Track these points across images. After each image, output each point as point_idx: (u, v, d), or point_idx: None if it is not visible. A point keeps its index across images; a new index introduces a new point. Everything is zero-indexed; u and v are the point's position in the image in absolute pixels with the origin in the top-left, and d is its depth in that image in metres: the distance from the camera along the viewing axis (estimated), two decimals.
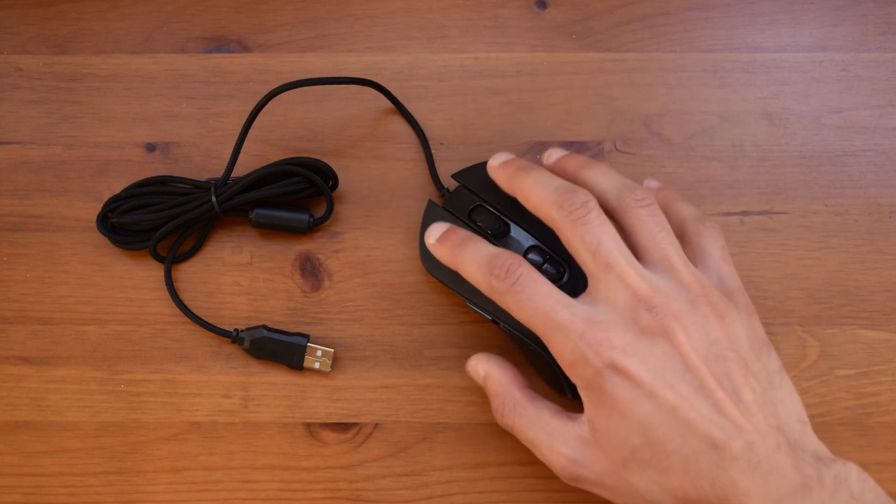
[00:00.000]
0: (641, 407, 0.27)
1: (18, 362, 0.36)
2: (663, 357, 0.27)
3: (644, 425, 0.27)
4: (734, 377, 0.27)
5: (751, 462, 0.26)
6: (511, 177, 0.32)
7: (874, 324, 0.36)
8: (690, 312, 0.27)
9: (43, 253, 0.37)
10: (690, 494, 0.26)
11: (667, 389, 0.26)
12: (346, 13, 0.40)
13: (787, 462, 0.26)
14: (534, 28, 0.40)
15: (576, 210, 0.28)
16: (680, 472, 0.26)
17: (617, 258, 0.28)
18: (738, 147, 0.39)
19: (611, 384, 0.27)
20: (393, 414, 0.35)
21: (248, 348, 0.35)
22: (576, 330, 0.27)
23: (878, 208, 0.38)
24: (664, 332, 0.27)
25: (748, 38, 0.40)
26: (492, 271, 0.29)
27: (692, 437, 0.26)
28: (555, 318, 0.28)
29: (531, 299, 0.28)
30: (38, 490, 0.35)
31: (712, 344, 0.27)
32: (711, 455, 0.26)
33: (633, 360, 0.27)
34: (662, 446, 0.26)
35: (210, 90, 0.39)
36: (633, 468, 0.27)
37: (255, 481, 0.35)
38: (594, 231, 0.28)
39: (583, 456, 0.28)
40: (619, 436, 0.27)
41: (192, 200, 0.36)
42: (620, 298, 0.28)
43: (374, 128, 0.39)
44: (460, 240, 0.31)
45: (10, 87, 0.39)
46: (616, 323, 0.27)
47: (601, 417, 0.27)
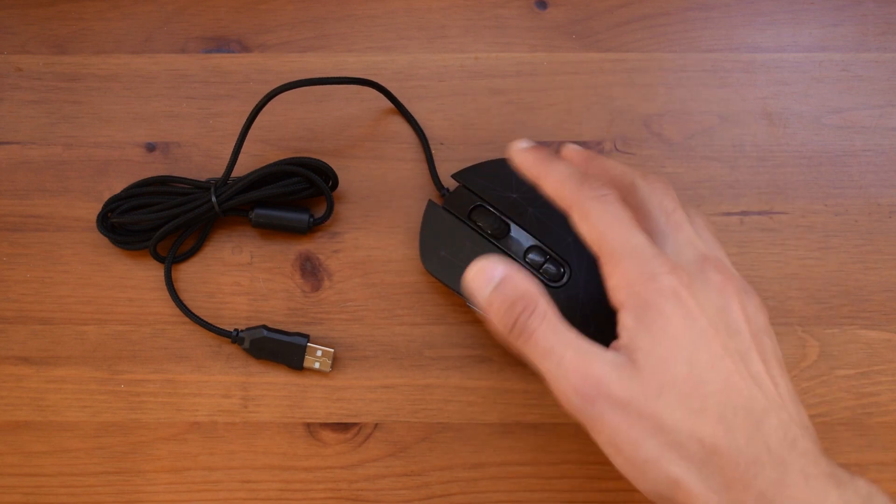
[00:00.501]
0: (693, 339, 0.26)
1: (18, 362, 0.36)
2: (721, 310, 0.27)
3: (692, 356, 0.26)
4: (773, 364, 0.27)
5: (787, 438, 0.25)
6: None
7: (874, 324, 0.36)
8: (746, 294, 0.28)
9: (43, 253, 0.37)
10: (721, 445, 0.25)
11: (718, 335, 0.26)
12: (346, 13, 0.40)
13: (819, 454, 0.25)
14: (534, 28, 0.40)
15: (655, 178, 0.31)
16: (714, 419, 0.25)
17: (687, 225, 0.29)
18: (738, 147, 0.39)
19: (671, 305, 0.26)
20: (393, 414, 0.35)
21: (248, 348, 0.35)
22: (653, 252, 0.27)
23: (878, 208, 0.38)
24: (725, 293, 0.27)
25: (748, 38, 0.40)
26: (585, 180, 0.29)
27: (732, 391, 0.26)
28: (634, 237, 0.28)
29: (617, 215, 0.28)
30: (38, 490, 0.35)
31: (760, 327, 0.28)
32: (748, 417, 0.25)
33: (696, 297, 0.27)
34: (705, 385, 0.26)
35: (210, 90, 0.39)
36: (668, 398, 0.26)
37: (255, 481, 0.35)
38: (672, 199, 0.30)
39: (616, 375, 0.26)
40: (663, 360, 0.26)
41: (192, 200, 0.36)
42: (689, 254, 0.28)
43: (374, 128, 0.39)
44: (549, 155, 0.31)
45: (10, 87, 0.39)
46: (688, 266, 0.28)
47: (647, 336, 0.26)
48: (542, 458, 0.35)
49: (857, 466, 0.35)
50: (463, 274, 0.33)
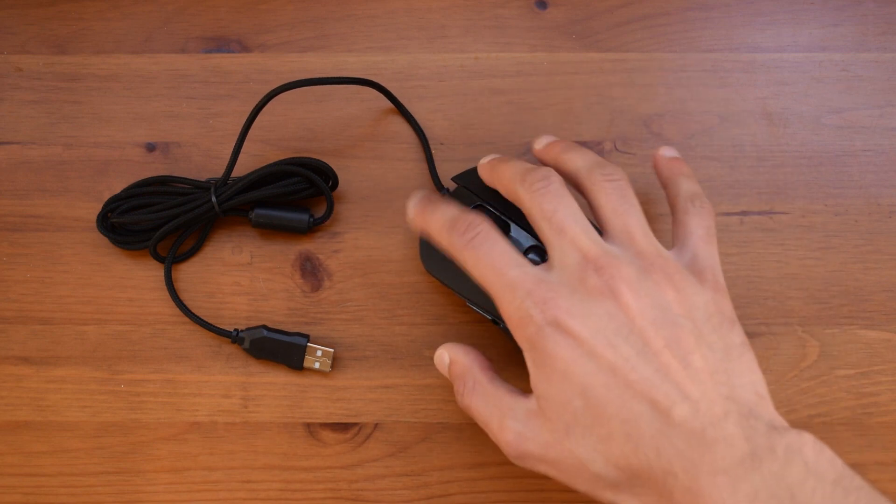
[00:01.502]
0: (581, 367, 0.26)
1: (18, 362, 0.36)
2: (606, 317, 0.26)
3: (584, 386, 0.26)
4: (684, 343, 0.26)
5: (695, 429, 0.25)
6: (492, 168, 0.32)
7: (874, 324, 0.36)
8: (641, 278, 0.27)
9: (43, 253, 0.37)
10: (633, 463, 0.25)
11: (607, 348, 0.26)
12: (346, 13, 0.40)
13: (735, 431, 0.25)
14: (534, 28, 0.40)
15: (536, 182, 0.29)
16: (622, 439, 0.25)
17: (571, 224, 0.28)
18: (738, 147, 0.39)
19: (552, 342, 0.26)
20: (393, 414, 0.35)
21: (248, 348, 0.35)
22: (524, 287, 0.27)
23: (878, 208, 0.38)
24: (611, 293, 0.27)
25: (748, 38, 0.40)
26: (453, 228, 0.29)
27: (632, 400, 0.25)
28: (506, 275, 0.28)
29: (487, 255, 0.28)
30: (38, 490, 0.35)
31: (662, 310, 0.27)
32: (654, 421, 0.25)
33: (576, 319, 0.26)
34: (603, 409, 0.26)
35: (210, 90, 0.39)
36: (575, 435, 0.26)
37: (255, 481, 0.35)
38: (551, 200, 0.29)
39: (529, 428, 0.27)
40: (560, 399, 0.26)
41: (192, 200, 0.36)
42: (571, 261, 0.28)
43: (374, 128, 0.39)
44: (430, 203, 0.31)
45: (10, 87, 0.39)
46: (564, 284, 0.27)
47: (543, 380, 0.27)
48: None
49: (857, 466, 0.35)
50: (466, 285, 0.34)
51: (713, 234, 0.31)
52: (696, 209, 0.31)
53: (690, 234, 0.30)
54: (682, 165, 0.34)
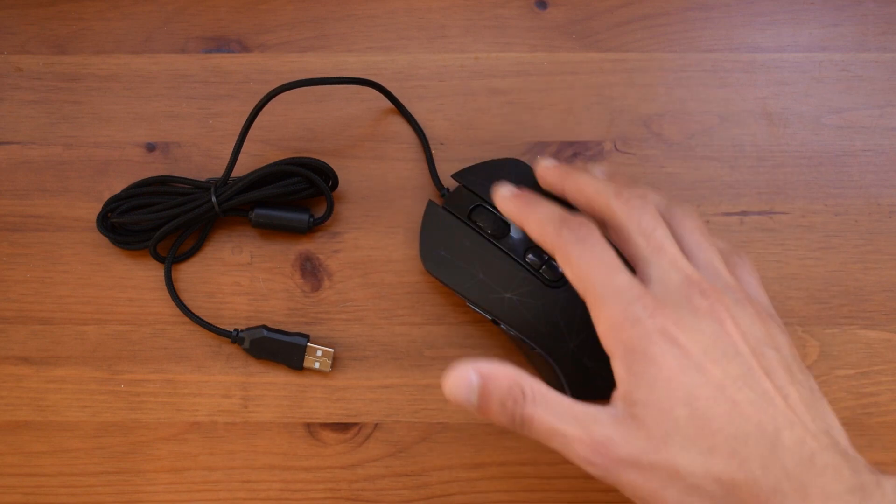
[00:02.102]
0: (688, 377, 0.26)
1: (18, 362, 0.36)
2: (714, 336, 0.26)
3: (690, 396, 0.25)
4: (780, 376, 0.26)
5: (804, 454, 0.24)
6: (565, 175, 0.32)
7: (874, 324, 0.36)
8: (738, 307, 0.27)
9: (43, 253, 0.37)
10: (737, 479, 0.25)
11: (715, 366, 0.26)
12: (346, 13, 0.40)
13: (841, 462, 0.24)
14: (534, 28, 0.40)
15: (634, 199, 0.29)
16: (726, 454, 0.25)
17: (669, 244, 0.28)
18: (738, 147, 0.39)
19: (659, 349, 0.26)
20: (393, 414, 0.35)
21: (248, 348, 0.35)
22: (633, 292, 0.27)
23: (878, 208, 0.38)
24: (716, 316, 0.27)
25: (748, 38, 0.40)
26: (564, 222, 0.29)
27: (740, 419, 0.25)
28: (616, 278, 0.27)
29: (598, 255, 0.28)
30: (38, 490, 0.35)
31: (759, 339, 0.27)
32: (761, 440, 0.25)
33: (685, 332, 0.26)
34: (709, 422, 0.25)
35: (210, 90, 0.39)
36: (675, 444, 0.25)
37: (255, 481, 0.35)
38: (652, 218, 0.29)
39: (620, 434, 0.26)
40: (662, 406, 0.26)
41: (192, 200, 0.36)
42: (674, 279, 0.28)
43: (374, 128, 0.39)
44: (534, 198, 0.31)
45: (10, 87, 0.39)
46: (670, 299, 0.27)
47: (643, 386, 0.26)
48: (542, 458, 0.35)
49: None
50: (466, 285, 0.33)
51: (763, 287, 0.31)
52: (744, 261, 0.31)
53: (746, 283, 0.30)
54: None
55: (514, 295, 0.33)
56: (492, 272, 0.34)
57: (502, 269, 0.33)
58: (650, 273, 0.28)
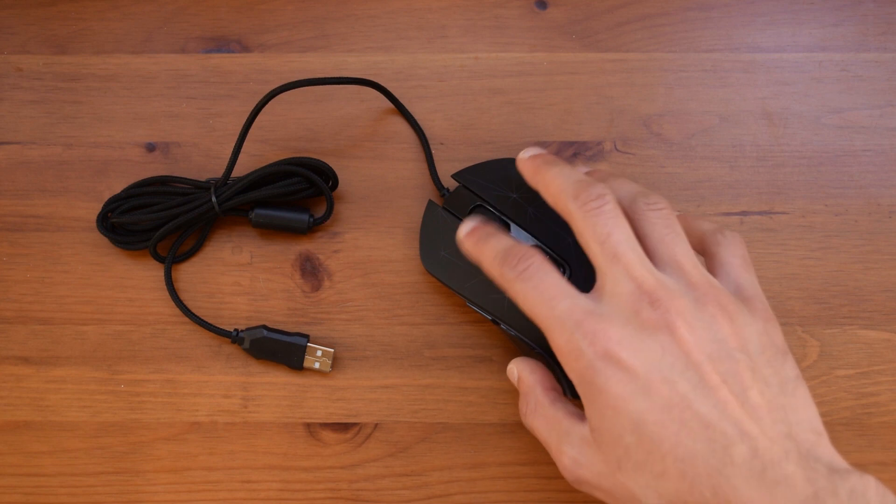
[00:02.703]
0: (634, 403, 0.25)
1: (18, 362, 0.36)
2: (661, 351, 0.26)
3: (637, 422, 0.25)
4: (741, 378, 0.25)
5: (754, 469, 0.24)
6: (536, 168, 0.31)
7: (874, 324, 0.36)
8: (696, 310, 0.26)
9: (43, 253, 0.37)
10: (688, 502, 0.25)
11: (662, 384, 0.25)
12: (346, 13, 0.40)
13: (796, 471, 0.24)
14: (534, 28, 0.40)
15: (591, 201, 0.28)
16: (676, 477, 0.25)
17: (625, 250, 0.27)
18: (738, 147, 0.39)
19: (603, 377, 0.26)
20: (393, 414, 0.35)
21: (248, 348, 0.35)
22: (573, 319, 0.27)
23: (878, 208, 0.38)
24: (666, 327, 0.26)
25: (748, 38, 0.40)
26: (505, 260, 0.29)
27: (688, 438, 0.25)
28: (556, 307, 0.27)
29: (537, 288, 0.28)
30: (38, 490, 0.35)
31: (718, 343, 0.26)
32: (711, 459, 0.24)
33: (628, 351, 0.26)
34: (657, 446, 0.25)
35: (210, 90, 0.39)
36: (627, 470, 0.26)
37: (255, 481, 0.35)
38: (606, 222, 0.28)
39: (583, 456, 0.27)
40: (612, 434, 0.26)
41: (192, 200, 0.36)
42: (624, 291, 0.27)
43: (374, 128, 0.39)
44: (485, 234, 0.31)
45: (10, 87, 0.39)
46: (616, 315, 0.26)
47: (595, 414, 0.26)
48: (542, 458, 0.35)
49: (857, 466, 0.34)
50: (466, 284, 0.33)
51: (750, 263, 0.30)
52: (727, 239, 0.30)
53: (727, 263, 0.29)
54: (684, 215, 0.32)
55: None
56: None
57: None
58: (605, 285, 0.28)
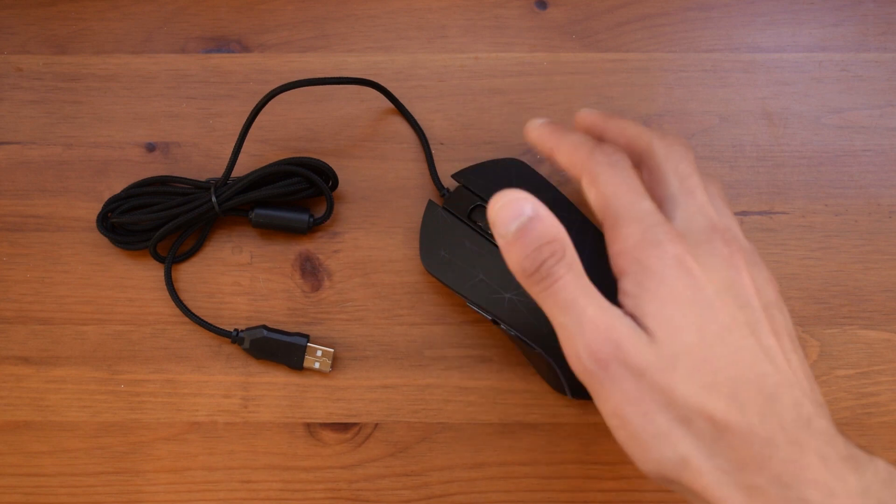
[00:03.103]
0: (698, 308, 0.25)
1: (18, 362, 0.36)
2: (729, 281, 0.26)
3: (701, 325, 0.24)
4: (785, 339, 0.26)
5: (802, 416, 0.24)
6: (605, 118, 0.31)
7: (874, 324, 0.36)
8: (756, 266, 0.27)
9: (43, 253, 0.37)
10: (732, 422, 0.24)
11: (725, 307, 0.25)
12: (346, 13, 0.40)
13: (836, 434, 0.24)
14: (534, 28, 0.40)
15: (677, 144, 0.29)
16: (726, 395, 0.24)
17: (702, 191, 0.28)
18: (738, 147, 0.39)
19: (674, 274, 0.25)
20: (393, 414, 0.35)
21: (248, 348, 0.35)
22: (656, 218, 0.26)
23: (878, 208, 0.38)
24: (734, 265, 0.26)
25: (748, 38, 0.40)
26: (599, 147, 0.28)
27: (743, 365, 0.24)
28: (641, 203, 0.26)
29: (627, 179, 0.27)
30: (38, 490, 0.35)
31: (771, 301, 0.26)
32: (761, 391, 0.24)
33: (703, 267, 0.25)
34: (715, 356, 0.24)
35: (210, 90, 0.39)
36: (681, 368, 0.24)
37: (255, 481, 0.35)
38: (689, 164, 0.28)
39: (633, 339, 0.25)
40: (676, 324, 0.25)
41: (192, 200, 0.36)
42: (699, 222, 0.27)
43: (374, 128, 0.39)
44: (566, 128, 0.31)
45: (10, 87, 0.39)
46: (693, 236, 0.26)
47: (655, 302, 0.25)
48: (542, 458, 0.35)
49: None
50: (466, 284, 0.33)
51: None
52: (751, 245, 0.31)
53: None
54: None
55: (514, 295, 0.33)
56: (492, 272, 0.34)
57: (502, 270, 0.33)
58: (676, 213, 0.27)
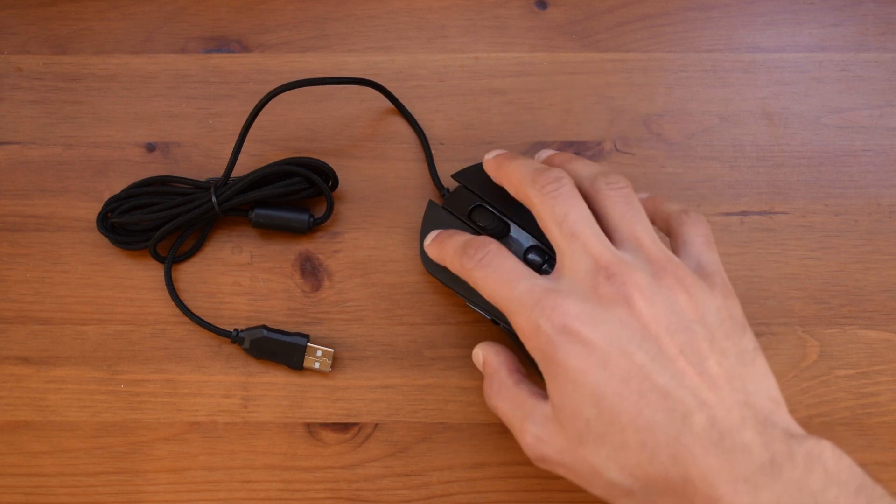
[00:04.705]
0: (593, 375, 0.26)
1: (18, 362, 0.36)
2: (619, 324, 0.26)
3: (597, 395, 0.26)
4: (698, 348, 0.26)
5: (713, 437, 0.24)
6: (498, 165, 0.32)
7: (874, 324, 0.36)
8: (654, 284, 0.27)
9: (43, 253, 0.37)
10: (649, 472, 0.25)
11: (620, 356, 0.26)
12: (346, 13, 0.40)
13: (753, 438, 0.24)
14: (534, 28, 0.40)
15: (548, 184, 0.29)
16: (636, 448, 0.25)
17: (582, 228, 0.28)
18: (738, 147, 0.39)
19: (563, 351, 0.26)
20: (393, 414, 0.35)
21: (248, 348, 0.35)
22: (532, 298, 0.27)
23: (878, 208, 0.38)
24: (623, 301, 0.26)
25: (748, 38, 0.40)
26: (465, 251, 0.30)
27: (647, 408, 0.25)
28: (515, 288, 0.28)
29: (496, 272, 0.29)
30: (38, 490, 0.35)
31: (676, 315, 0.26)
32: (670, 429, 0.25)
33: (587, 325, 0.26)
34: (617, 417, 0.25)
35: (210, 90, 0.39)
36: (588, 444, 0.26)
37: (255, 481, 0.35)
38: (563, 202, 0.29)
39: (545, 433, 0.27)
40: (573, 408, 0.26)
41: (192, 200, 0.36)
42: (582, 268, 0.27)
43: (374, 128, 0.39)
44: (446, 235, 0.32)
45: (10, 87, 0.39)
46: (574, 291, 0.27)
47: (556, 390, 0.27)
48: None
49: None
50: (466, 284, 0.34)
51: (713, 242, 0.30)
52: (691, 219, 0.31)
53: (690, 242, 0.30)
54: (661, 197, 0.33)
55: None
56: None
57: None
58: (564, 263, 0.28)
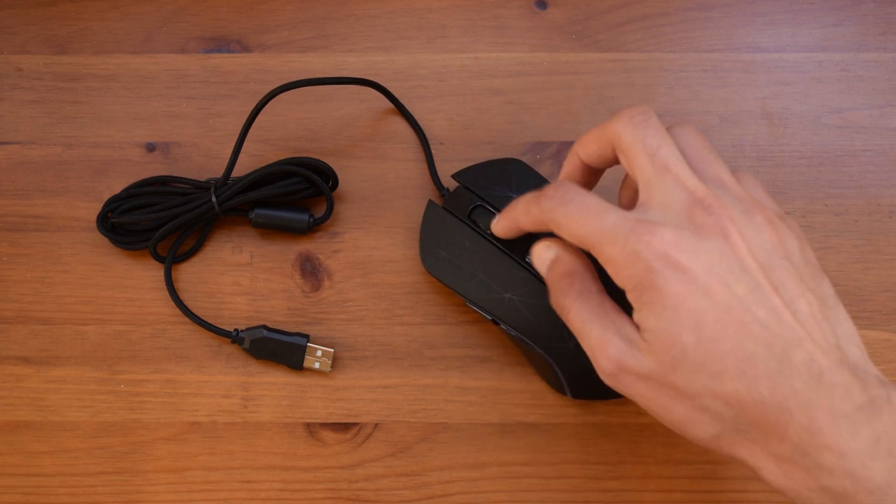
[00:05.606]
0: (694, 301, 0.25)
1: (18, 362, 0.36)
2: (719, 255, 0.26)
3: (697, 321, 0.25)
4: (790, 288, 0.26)
5: (813, 372, 0.24)
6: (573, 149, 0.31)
7: (874, 324, 0.36)
8: (745, 219, 0.27)
9: (43, 253, 0.37)
10: (745, 400, 0.25)
11: (722, 286, 0.25)
12: (346, 13, 0.40)
13: (851, 380, 0.24)
14: (534, 28, 0.40)
15: (637, 115, 0.28)
16: (734, 376, 0.25)
17: (676, 161, 0.27)
18: (738, 147, 0.39)
19: (662, 278, 0.26)
20: (393, 414, 0.35)
21: (248, 348, 0.35)
22: (626, 227, 0.26)
23: (878, 208, 0.38)
24: (721, 232, 0.26)
25: (748, 38, 0.40)
26: (541, 195, 0.29)
27: (748, 340, 0.25)
28: (606, 220, 0.27)
29: (582, 205, 0.28)
30: (38, 490, 0.35)
31: (767, 251, 0.26)
32: (770, 361, 0.25)
33: (687, 254, 0.26)
34: (717, 345, 0.25)
35: (210, 90, 0.39)
36: (683, 370, 0.26)
37: (255, 481, 0.35)
38: (654, 134, 0.28)
39: (633, 352, 0.27)
40: (670, 333, 0.26)
41: (191, 200, 0.36)
42: (676, 199, 0.27)
43: (374, 128, 0.39)
44: (511, 205, 0.32)
45: (10, 87, 0.39)
46: (670, 221, 0.27)
47: (652, 316, 0.26)
48: (542, 458, 0.35)
49: None
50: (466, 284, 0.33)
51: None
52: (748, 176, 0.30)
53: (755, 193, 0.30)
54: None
55: (514, 295, 0.33)
56: (492, 272, 0.34)
57: (502, 269, 0.34)
58: (653, 195, 0.28)
